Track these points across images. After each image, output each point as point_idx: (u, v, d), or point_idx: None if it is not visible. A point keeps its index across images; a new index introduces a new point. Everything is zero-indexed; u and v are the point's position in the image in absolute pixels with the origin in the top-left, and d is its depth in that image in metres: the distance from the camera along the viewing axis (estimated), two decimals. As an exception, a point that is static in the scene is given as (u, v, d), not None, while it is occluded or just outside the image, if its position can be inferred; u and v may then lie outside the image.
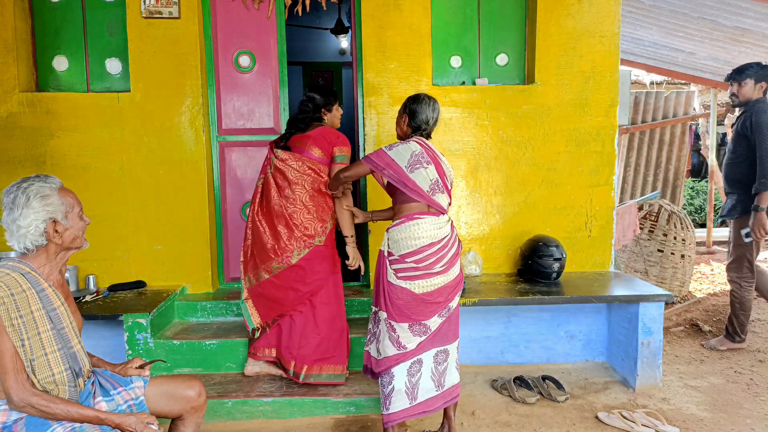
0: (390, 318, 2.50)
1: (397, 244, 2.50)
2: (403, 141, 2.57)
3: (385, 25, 3.67)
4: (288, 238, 2.97)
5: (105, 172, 3.67)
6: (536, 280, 3.53)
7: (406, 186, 2.48)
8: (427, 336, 2.53)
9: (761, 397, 3.16)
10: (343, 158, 3.01)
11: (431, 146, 2.58)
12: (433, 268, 2.47)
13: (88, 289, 3.63)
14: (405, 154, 2.49)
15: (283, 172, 3.00)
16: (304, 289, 3.01)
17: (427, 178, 2.49)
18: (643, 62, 7.82)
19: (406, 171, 2.47)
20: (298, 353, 3.02)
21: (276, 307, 3.05)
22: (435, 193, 2.51)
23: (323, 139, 3.01)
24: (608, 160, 3.81)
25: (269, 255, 3.00)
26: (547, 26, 3.71)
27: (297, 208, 2.98)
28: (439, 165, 2.54)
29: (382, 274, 2.56)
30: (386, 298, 2.51)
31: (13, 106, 3.59)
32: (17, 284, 1.79)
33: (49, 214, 1.84)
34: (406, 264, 2.48)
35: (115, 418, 1.82)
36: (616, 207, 4.08)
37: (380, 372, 2.57)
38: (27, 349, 1.77)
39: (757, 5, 4.60)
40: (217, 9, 3.81)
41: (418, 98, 2.62)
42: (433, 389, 2.56)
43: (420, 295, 2.48)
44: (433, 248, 2.47)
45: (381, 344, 2.56)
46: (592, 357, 3.70)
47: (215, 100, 3.84)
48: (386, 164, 2.49)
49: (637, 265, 5.15)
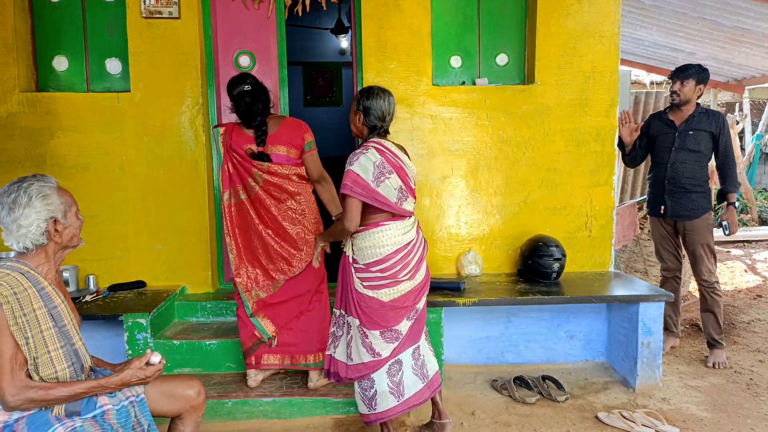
0: (362, 325, 2.47)
1: (361, 252, 2.44)
2: (361, 149, 2.43)
3: (385, 25, 3.67)
4: (309, 246, 2.98)
5: (105, 172, 3.67)
6: (536, 280, 3.53)
7: (376, 201, 2.38)
8: (400, 341, 2.51)
9: (761, 397, 3.16)
10: (312, 144, 2.98)
11: (390, 149, 2.46)
12: (399, 276, 2.44)
13: (88, 289, 3.63)
14: (367, 165, 2.36)
15: (279, 186, 2.92)
16: (317, 281, 3.07)
17: (392, 188, 2.41)
18: (643, 62, 7.83)
19: (373, 185, 2.36)
20: (320, 343, 3.03)
21: (294, 308, 3.04)
22: (402, 202, 2.46)
23: (291, 136, 2.92)
24: (608, 160, 3.81)
25: (291, 265, 2.98)
26: (547, 26, 3.71)
27: (307, 216, 2.99)
28: (400, 170, 2.45)
29: (349, 281, 2.50)
30: (356, 306, 2.47)
31: (13, 106, 3.59)
32: (19, 283, 1.80)
33: (50, 213, 1.86)
34: (371, 273, 2.43)
35: (115, 378, 1.88)
36: (616, 207, 4.07)
37: (353, 378, 2.53)
38: (31, 347, 1.79)
39: (757, 5, 4.60)
40: (217, 9, 3.81)
41: (371, 92, 2.45)
42: (419, 382, 2.56)
43: (388, 302, 2.44)
44: (399, 255, 2.42)
45: (355, 350, 2.51)
46: (592, 357, 3.70)
47: (215, 100, 3.84)
48: (354, 182, 2.35)
49: (637, 265, 5.15)
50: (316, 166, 3.01)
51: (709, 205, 3.65)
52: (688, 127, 3.61)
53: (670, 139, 3.66)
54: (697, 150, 3.59)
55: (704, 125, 3.59)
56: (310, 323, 3.06)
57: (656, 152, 3.75)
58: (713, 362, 3.59)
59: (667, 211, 3.69)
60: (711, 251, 3.66)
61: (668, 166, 3.65)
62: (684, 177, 3.62)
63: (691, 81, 3.57)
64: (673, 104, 3.67)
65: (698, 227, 3.63)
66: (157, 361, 1.95)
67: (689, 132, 3.60)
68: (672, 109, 3.71)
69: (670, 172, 3.65)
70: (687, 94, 3.59)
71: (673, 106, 3.68)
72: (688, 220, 3.65)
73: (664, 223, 3.79)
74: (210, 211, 3.76)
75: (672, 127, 3.67)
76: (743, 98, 10.25)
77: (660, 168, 3.72)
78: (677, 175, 3.63)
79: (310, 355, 3.05)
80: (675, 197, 3.65)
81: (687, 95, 3.59)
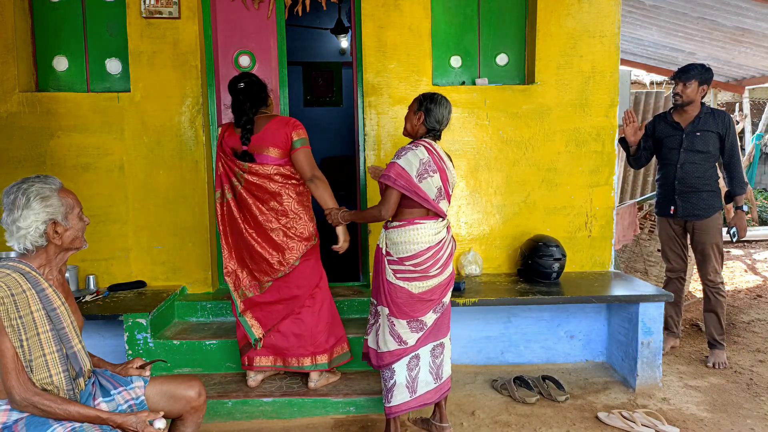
0: (391, 314, 2.58)
1: (396, 247, 2.55)
2: (411, 144, 2.56)
3: (385, 25, 3.67)
4: (291, 249, 2.93)
5: (105, 172, 3.67)
6: (536, 280, 3.53)
7: (416, 194, 2.50)
8: (424, 332, 2.61)
9: (761, 397, 3.16)
10: (303, 141, 2.86)
11: (438, 151, 2.59)
12: (430, 271, 2.55)
13: (88, 289, 3.63)
14: (414, 161, 2.49)
15: (260, 186, 2.87)
16: (309, 284, 3.01)
17: (433, 187, 2.53)
18: (643, 62, 7.83)
19: (415, 180, 2.48)
20: (313, 347, 3.01)
21: (279, 310, 3.01)
22: (439, 201, 2.58)
23: (277, 134, 2.84)
24: (608, 160, 3.81)
25: (273, 267, 2.94)
26: (547, 26, 3.71)
27: (291, 217, 2.92)
28: (443, 172, 2.57)
29: (381, 272, 2.61)
30: (386, 296, 2.58)
31: (13, 106, 3.59)
32: (17, 284, 1.79)
33: (49, 215, 1.84)
34: (404, 266, 2.55)
35: (117, 418, 1.82)
36: (616, 207, 4.07)
37: (381, 365, 2.64)
38: (25, 350, 1.77)
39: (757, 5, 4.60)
40: (217, 9, 3.81)
41: (435, 98, 2.60)
42: (432, 382, 2.65)
43: (417, 294, 2.56)
44: (430, 252, 2.54)
45: (382, 338, 2.62)
46: (592, 357, 3.70)
47: (215, 100, 3.84)
48: (398, 175, 2.48)
49: (637, 265, 5.15)
50: (308, 164, 2.87)
51: (720, 205, 3.64)
52: (695, 129, 3.58)
53: (677, 141, 3.63)
54: (705, 151, 3.57)
55: (711, 126, 3.56)
56: (302, 327, 3.01)
57: (664, 153, 3.73)
58: (713, 362, 3.59)
59: (677, 211, 3.67)
60: (719, 251, 3.66)
61: (677, 167, 3.63)
62: (694, 177, 3.60)
63: (694, 82, 3.53)
64: (677, 105, 3.64)
65: (708, 227, 3.62)
66: (162, 426, 1.88)
67: (696, 133, 3.58)
68: (676, 110, 3.67)
69: (680, 172, 3.62)
70: (690, 96, 3.56)
71: (677, 107, 3.66)
72: (698, 220, 3.64)
73: (673, 224, 3.77)
74: (210, 211, 3.76)
75: (678, 129, 3.64)
76: (743, 98, 10.25)
77: (669, 169, 3.70)
78: (687, 176, 3.62)
79: (304, 358, 3.01)
80: (685, 197, 3.63)
81: (690, 96, 3.56)
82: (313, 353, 3.01)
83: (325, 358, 3.04)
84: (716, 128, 3.56)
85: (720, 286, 3.65)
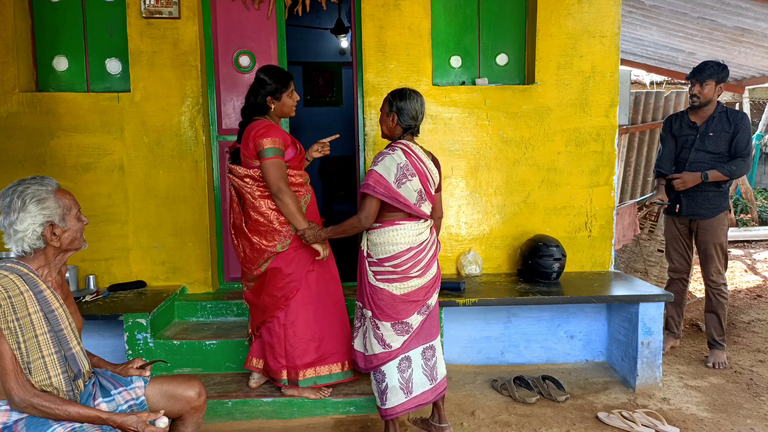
0: (374, 317, 2.55)
1: (375, 248, 2.53)
2: (388, 149, 2.50)
3: (385, 25, 3.67)
4: (254, 251, 2.84)
5: (105, 172, 3.67)
6: (536, 280, 3.53)
7: (396, 201, 2.45)
8: (410, 334, 2.57)
9: (761, 397, 3.16)
10: (271, 151, 2.68)
11: (416, 152, 2.51)
12: (410, 272, 2.52)
13: (88, 289, 3.63)
14: (391, 167, 2.42)
15: (238, 188, 2.86)
16: (278, 294, 2.84)
17: (413, 191, 2.48)
18: (643, 62, 7.82)
19: (394, 186, 2.42)
20: (287, 361, 2.89)
21: (258, 315, 2.95)
22: (421, 204, 2.53)
23: (246, 140, 2.77)
24: (608, 160, 3.81)
25: (245, 265, 2.92)
26: (547, 26, 3.71)
27: (255, 219, 2.82)
28: (422, 174, 2.50)
29: (363, 274, 2.60)
30: (369, 298, 2.56)
31: (13, 106, 3.59)
32: (15, 286, 1.78)
33: (46, 217, 1.82)
34: (384, 267, 2.52)
35: (117, 418, 1.82)
36: (616, 207, 4.07)
37: (369, 368, 2.62)
38: (23, 352, 1.76)
39: (757, 5, 4.60)
40: (217, 9, 3.81)
41: (403, 94, 2.50)
42: (427, 383, 2.62)
43: (399, 296, 2.52)
44: (411, 253, 2.50)
45: (368, 341, 2.61)
46: (592, 357, 3.70)
47: (215, 100, 3.84)
48: (376, 182, 2.42)
49: (637, 265, 5.15)
50: (272, 177, 2.69)
51: (726, 205, 3.64)
52: (708, 129, 3.58)
53: (690, 140, 3.63)
54: (716, 152, 3.57)
55: (724, 126, 3.55)
56: (272, 337, 2.90)
57: (677, 152, 3.73)
58: (713, 362, 3.59)
59: (682, 209, 3.68)
60: (723, 252, 3.65)
61: (686, 165, 3.63)
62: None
63: (711, 82, 3.50)
64: (694, 106, 3.62)
65: (712, 226, 3.62)
66: (164, 426, 1.87)
67: (710, 134, 3.57)
68: (693, 110, 3.65)
69: (688, 171, 3.62)
70: (708, 96, 3.53)
71: (694, 108, 3.63)
72: (703, 219, 3.64)
73: (678, 223, 3.77)
74: (210, 211, 3.76)
75: (693, 128, 3.64)
76: (743, 98, 10.25)
77: (678, 167, 3.70)
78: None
79: (280, 370, 2.91)
80: (691, 196, 3.63)
81: (707, 96, 3.54)
82: (287, 367, 2.90)
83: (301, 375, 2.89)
84: (729, 129, 3.55)
85: (722, 287, 3.65)
